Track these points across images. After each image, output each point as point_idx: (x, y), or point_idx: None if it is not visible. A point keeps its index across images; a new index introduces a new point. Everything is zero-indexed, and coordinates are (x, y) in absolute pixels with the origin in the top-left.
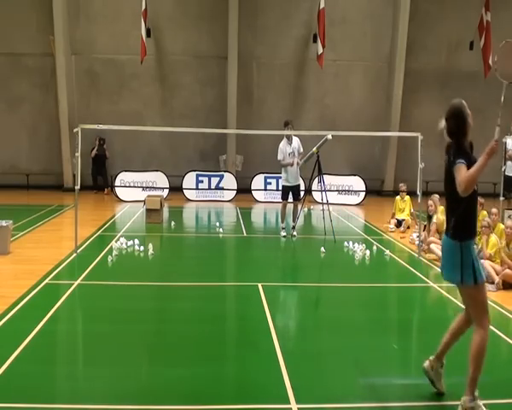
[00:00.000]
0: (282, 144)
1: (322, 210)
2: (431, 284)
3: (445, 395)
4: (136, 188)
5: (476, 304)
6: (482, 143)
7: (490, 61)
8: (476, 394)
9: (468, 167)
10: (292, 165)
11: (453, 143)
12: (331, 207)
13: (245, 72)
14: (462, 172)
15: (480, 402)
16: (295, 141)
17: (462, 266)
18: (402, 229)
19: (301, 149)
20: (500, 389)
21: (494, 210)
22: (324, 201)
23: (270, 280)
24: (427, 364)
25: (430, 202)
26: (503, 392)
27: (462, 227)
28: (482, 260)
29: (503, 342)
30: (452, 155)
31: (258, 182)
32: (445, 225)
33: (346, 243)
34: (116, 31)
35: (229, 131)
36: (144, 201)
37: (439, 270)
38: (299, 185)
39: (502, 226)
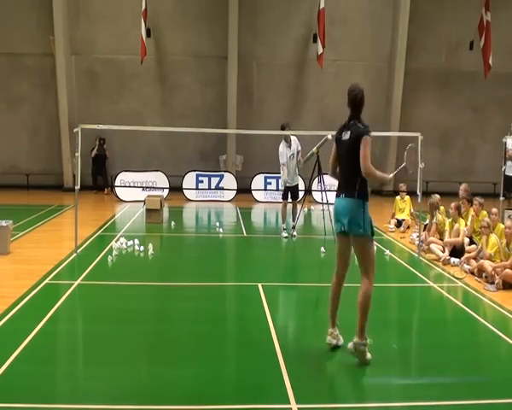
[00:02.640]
0: (282, 148)
1: (322, 210)
2: (431, 284)
3: (457, 392)
4: (136, 188)
5: (368, 255)
6: (481, 143)
7: (490, 61)
8: (367, 340)
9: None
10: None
11: (355, 116)
12: (331, 207)
13: (245, 72)
14: (369, 156)
15: (366, 348)
16: (294, 142)
17: (364, 221)
18: (402, 229)
19: (299, 148)
20: (500, 388)
21: (494, 210)
22: (324, 201)
23: (270, 280)
24: (329, 338)
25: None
26: (503, 392)
27: (365, 189)
28: (482, 260)
29: (503, 342)
30: (360, 124)
31: (258, 182)
32: (446, 226)
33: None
34: (116, 31)
35: (229, 131)
36: (144, 201)
37: (343, 228)
38: (297, 185)
39: (502, 226)
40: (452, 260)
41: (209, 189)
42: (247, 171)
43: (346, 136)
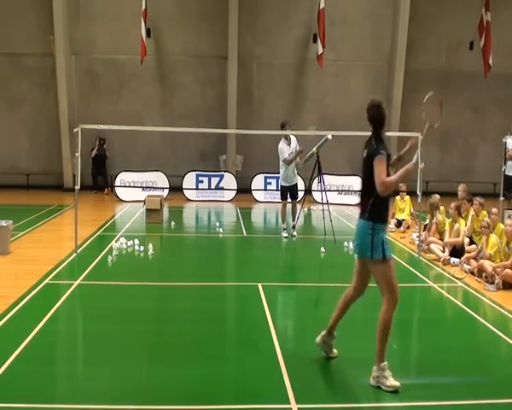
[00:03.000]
0: (282, 145)
1: (322, 210)
2: (431, 284)
3: (457, 392)
4: (136, 188)
5: (382, 279)
6: (481, 143)
7: (490, 61)
8: (383, 364)
9: (387, 159)
10: (291, 162)
11: (373, 131)
12: (331, 207)
13: (245, 72)
14: (384, 172)
15: (386, 372)
16: (293, 141)
17: (373, 245)
18: (402, 229)
19: (298, 147)
20: (500, 388)
21: (494, 210)
22: (324, 201)
23: (270, 280)
24: (319, 339)
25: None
26: (503, 392)
27: (378, 210)
28: (482, 260)
29: (503, 342)
30: (373, 141)
31: (258, 182)
32: (446, 226)
33: (346, 243)
34: (116, 31)
35: (229, 131)
36: (144, 201)
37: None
38: (296, 185)
39: (502, 226)
40: (452, 260)
41: (209, 189)
42: (247, 171)
43: (364, 153)
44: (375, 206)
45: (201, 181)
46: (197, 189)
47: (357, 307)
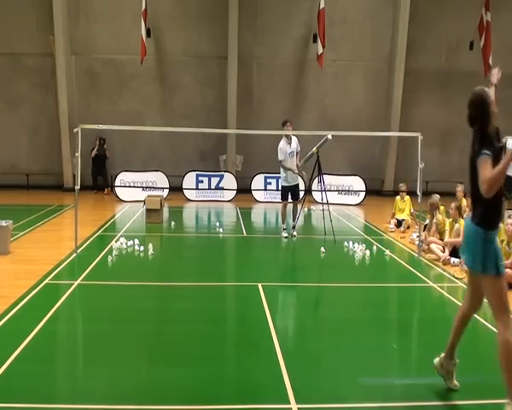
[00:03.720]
0: (282, 144)
1: (322, 210)
2: (431, 284)
3: (457, 391)
4: (136, 188)
5: (494, 297)
6: None
7: (490, 61)
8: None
9: (495, 158)
10: (294, 172)
11: (476, 132)
12: (331, 207)
13: (245, 72)
14: (487, 170)
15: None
16: (294, 141)
17: (486, 256)
18: (402, 229)
19: (299, 148)
20: (500, 388)
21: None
22: (324, 201)
23: (270, 280)
24: (437, 360)
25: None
26: (503, 392)
27: (490, 214)
28: None
29: None
30: (477, 144)
31: (258, 182)
32: (446, 226)
33: (346, 243)
34: (116, 31)
35: (229, 131)
36: (144, 201)
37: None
38: (297, 185)
39: (501, 226)
40: (452, 260)
41: (209, 189)
42: (247, 171)
43: (471, 152)
44: (487, 210)
45: (201, 181)
46: (197, 189)
47: (357, 307)
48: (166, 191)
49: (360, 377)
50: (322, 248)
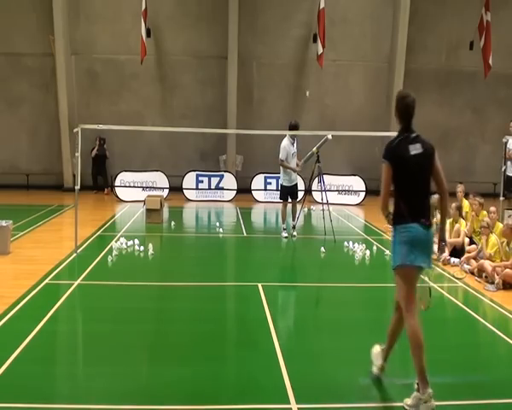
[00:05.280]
0: (287, 144)
1: (322, 210)
2: (431, 284)
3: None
4: (136, 188)
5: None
6: (481, 143)
7: (490, 61)
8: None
9: (392, 163)
10: (295, 171)
11: (410, 128)
12: (331, 207)
13: (245, 72)
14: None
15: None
16: (296, 143)
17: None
18: None
19: (295, 150)
20: (500, 388)
21: (492, 209)
22: (324, 201)
23: (270, 280)
24: (378, 371)
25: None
26: (503, 392)
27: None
28: (482, 260)
29: (503, 342)
30: (424, 138)
31: (258, 182)
32: (447, 226)
33: (346, 243)
34: (116, 31)
35: (229, 131)
36: (144, 201)
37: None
38: (296, 184)
39: (501, 226)
40: (452, 260)
41: (209, 189)
42: (247, 171)
43: (418, 149)
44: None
45: (201, 181)
46: (197, 189)
47: (357, 307)
48: (166, 191)
49: (360, 377)
50: (322, 248)
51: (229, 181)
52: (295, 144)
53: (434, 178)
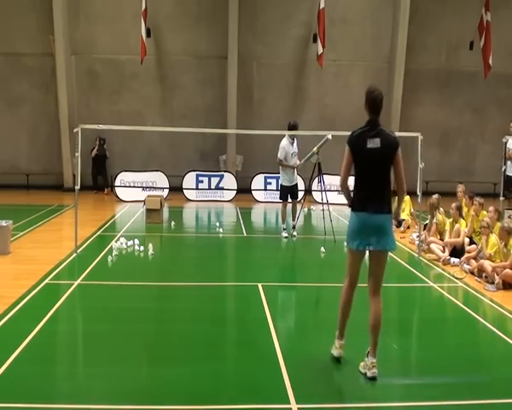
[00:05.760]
0: (286, 144)
1: (323, 210)
2: (431, 284)
3: (457, 392)
4: (136, 188)
5: (384, 270)
6: (481, 143)
7: (490, 61)
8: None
9: (351, 150)
10: (294, 167)
11: (377, 121)
12: (331, 207)
13: (245, 72)
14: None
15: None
16: (295, 143)
17: (392, 234)
18: (402, 229)
19: (296, 150)
20: (500, 388)
21: (491, 208)
22: (324, 201)
23: (270, 280)
24: (338, 352)
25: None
26: (503, 392)
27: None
28: (482, 260)
29: (503, 342)
30: (390, 132)
31: (258, 182)
32: (446, 226)
33: (345, 243)
34: (116, 31)
35: (229, 131)
36: (144, 201)
37: (371, 247)
38: (297, 185)
39: (499, 225)
40: (452, 260)
41: (209, 189)
42: (247, 171)
43: (376, 143)
44: (389, 198)
45: (201, 181)
46: (197, 189)
47: (357, 308)
48: (166, 191)
49: (360, 377)
50: (322, 248)
51: (229, 181)
52: (295, 144)
53: (394, 174)
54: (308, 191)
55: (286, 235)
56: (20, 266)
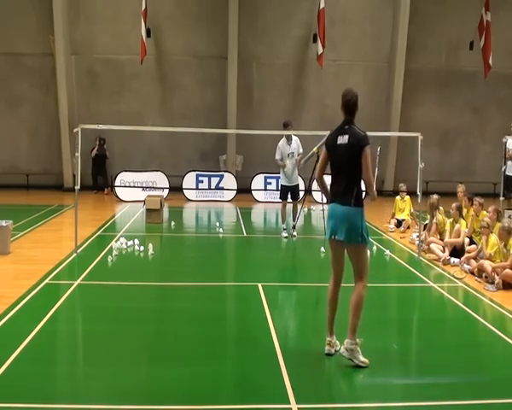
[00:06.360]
0: (282, 144)
1: (322, 210)
2: (431, 284)
3: (458, 392)
4: (136, 188)
5: (365, 261)
6: (481, 143)
7: (490, 61)
8: (357, 340)
9: (326, 147)
10: (284, 167)
11: (350, 121)
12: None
13: (245, 72)
14: (371, 166)
15: (358, 347)
16: (295, 142)
17: (363, 229)
18: (402, 229)
19: (301, 150)
20: (500, 388)
21: (491, 208)
22: (324, 201)
23: (270, 280)
24: (328, 348)
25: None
26: (503, 392)
27: (361, 196)
28: (482, 260)
29: (503, 342)
30: (359, 130)
31: (258, 182)
32: (446, 226)
33: None
34: (116, 31)
35: (229, 131)
36: (144, 201)
37: (337, 237)
38: (297, 185)
39: (499, 225)
40: (452, 260)
41: (209, 189)
42: (247, 171)
43: (343, 140)
44: (359, 192)
45: (201, 181)
46: (197, 189)
47: None
48: (166, 191)
49: (360, 377)
50: (322, 248)
51: (229, 181)
52: (293, 144)
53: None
54: (308, 191)
55: (286, 235)
56: (20, 266)
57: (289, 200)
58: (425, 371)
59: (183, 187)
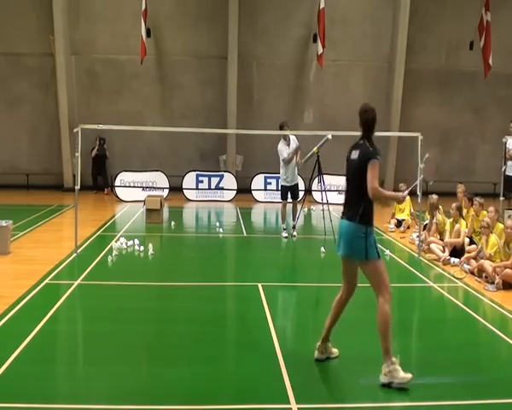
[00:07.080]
0: (281, 146)
1: (322, 210)
2: (431, 284)
3: (458, 392)
4: (136, 188)
5: (379, 277)
6: (481, 143)
7: (490, 61)
8: (393, 359)
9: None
10: (290, 161)
11: (365, 136)
12: (331, 207)
13: (245, 72)
14: (376, 177)
15: (397, 365)
16: (293, 141)
17: (367, 246)
18: (402, 229)
19: (299, 144)
20: (500, 388)
21: (491, 208)
22: (324, 201)
23: (270, 280)
24: (316, 354)
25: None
26: (503, 392)
27: (368, 213)
28: (482, 260)
29: (503, 342)
30: (368, 146)
31: (258, 182)
32: (446, 226)
33: None
34: (116, 31)
35: (229, 131)
36: (144, 201)
37: (343, 253)
38: (297, 185)
39: (501, 226)
40: (452, 260)
41: (209, 189)
42: (247, 171)
43: (355, 155)
44: (366, 209)
45: (201, 181)
46: (197, 189)
47: (356, 307)
48: (166, 191)
49: (360, 377)
50: (322, 248)
51: (229, 181)
52: (292, 144)
53: None
54: (308, 191)
55: (286, 235)
56: (20, 266)
57: (289, 200)
58: (425, 371)
59: (183, 187)
